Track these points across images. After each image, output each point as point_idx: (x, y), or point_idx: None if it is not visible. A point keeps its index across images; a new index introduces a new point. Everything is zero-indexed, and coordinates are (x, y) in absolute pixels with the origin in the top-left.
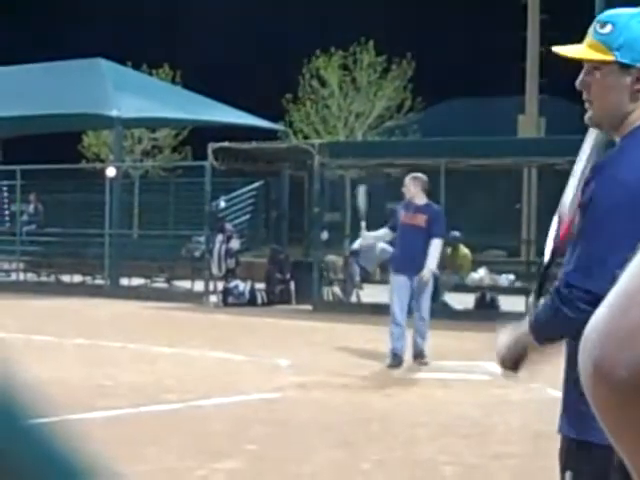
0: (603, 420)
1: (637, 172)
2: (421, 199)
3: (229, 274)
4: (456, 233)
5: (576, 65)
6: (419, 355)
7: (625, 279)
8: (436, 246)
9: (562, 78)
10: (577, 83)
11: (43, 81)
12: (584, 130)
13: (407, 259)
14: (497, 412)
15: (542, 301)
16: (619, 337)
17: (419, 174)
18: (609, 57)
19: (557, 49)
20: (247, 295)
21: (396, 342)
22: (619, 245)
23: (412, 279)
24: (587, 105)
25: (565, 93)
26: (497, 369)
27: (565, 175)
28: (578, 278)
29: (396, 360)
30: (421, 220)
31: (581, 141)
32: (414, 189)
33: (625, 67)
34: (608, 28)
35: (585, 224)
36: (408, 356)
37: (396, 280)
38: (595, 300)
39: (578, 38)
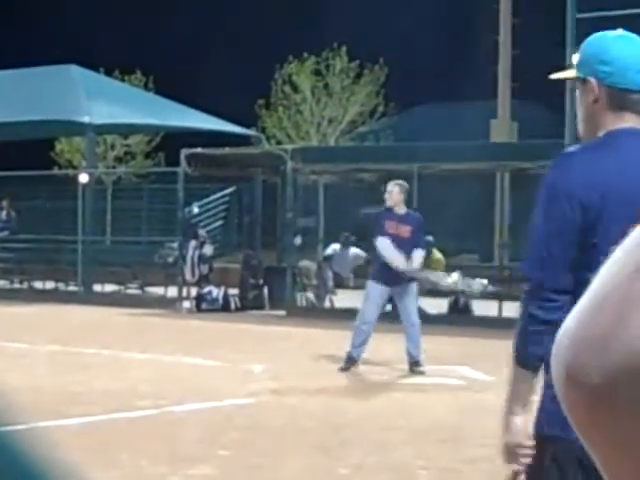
0: (575, 423)
1: (567, 177)
2: (402, 208)
3: (202, 280)
4: (429, 238)
5: (547, 70)
6: (415, 364)
7: (597, 283)
8: (419, 257)
9: (534, 82)
10: None
11: (14, 88)
12: (556, 135)
13: (390, 270)
14: (472, 416)
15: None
16: (591, 342)
17: (402, 181)
18: (573, 74)
19: (553, 76)
20: (220, 301)
21: (357, 348)
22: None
23: (393, 290)
24: None
25: (537, 97)
26: (471, 373)
27: (538, 179)
28: (526, 269)
29: (350, 362)
30: (405, 231)
31: (553, 145)
32: (398, 196)
33: (585, 82)
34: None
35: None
36: (383, 360)
37: (374, 288)
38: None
39: (549, 42)
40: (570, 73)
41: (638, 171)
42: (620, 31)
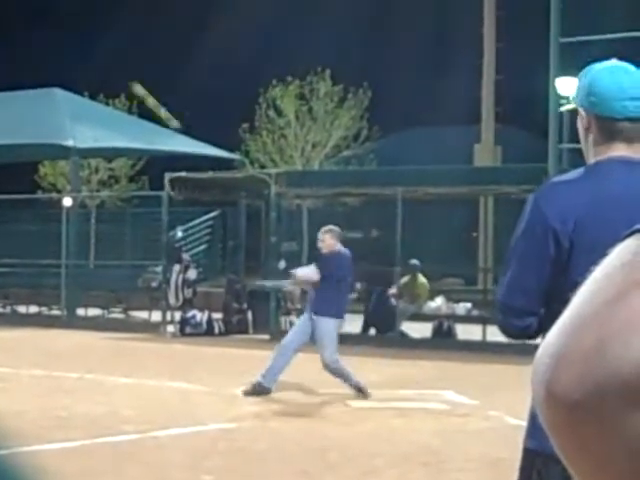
0: (555, 441)
1: (550, 204)
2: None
3: (186, 304)
4: (415, 262)
5: (531, 94)
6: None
7: (577, 302)
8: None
9: (518, 107)
10: None
11: None
12: (540, 159)
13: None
14: (455, 440)
15: None
16: (571, 360)
17: (334, 227)
18: (573, 104)
19: (564, 108)
20: (204, 325)
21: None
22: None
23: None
24: None
25: (521, 122)
26: (455, 397)
27: (521, 203)
28: (499, 292)
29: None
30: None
31: (537, 170)
32: (330, 241)
33: (581, 111)
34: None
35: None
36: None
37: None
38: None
39: (533, 66)
40: (568, 104)
41: (619, 201)
42: (613, 61)
